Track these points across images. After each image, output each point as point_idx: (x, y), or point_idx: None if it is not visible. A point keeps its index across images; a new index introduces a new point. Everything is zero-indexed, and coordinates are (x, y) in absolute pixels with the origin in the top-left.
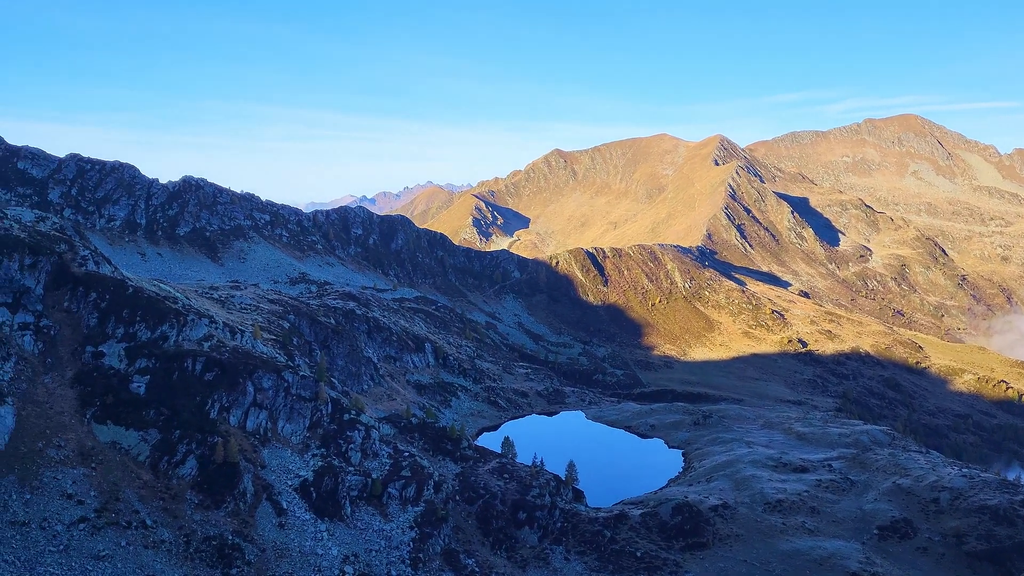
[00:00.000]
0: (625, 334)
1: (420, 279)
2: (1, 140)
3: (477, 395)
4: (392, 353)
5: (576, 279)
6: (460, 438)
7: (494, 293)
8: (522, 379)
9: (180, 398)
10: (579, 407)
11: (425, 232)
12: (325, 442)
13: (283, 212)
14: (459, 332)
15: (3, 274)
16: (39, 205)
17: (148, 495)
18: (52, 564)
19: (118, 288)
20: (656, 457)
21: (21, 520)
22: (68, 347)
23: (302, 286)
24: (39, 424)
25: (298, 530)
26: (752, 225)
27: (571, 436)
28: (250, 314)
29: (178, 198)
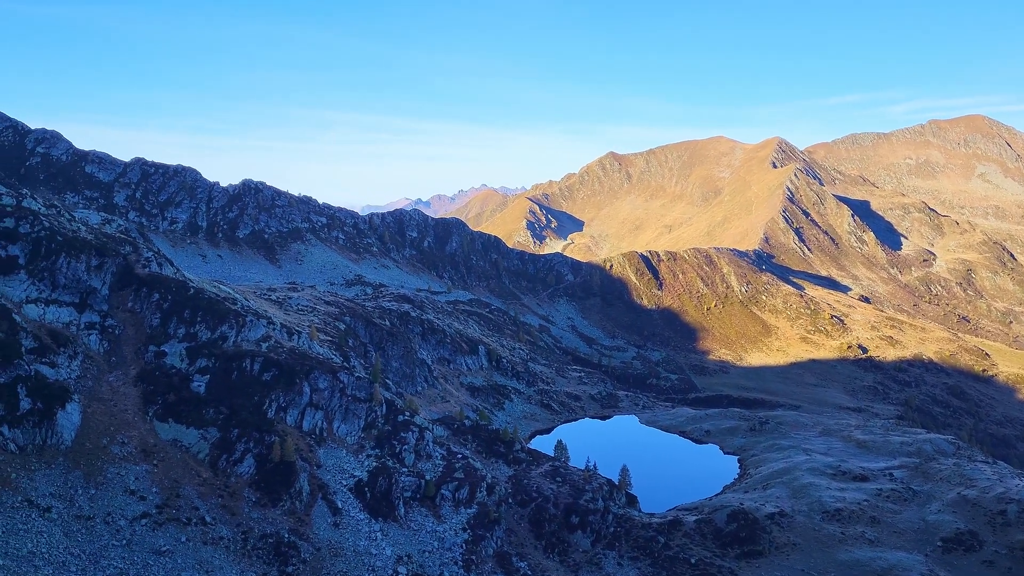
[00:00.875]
0: (680, 338)
1: (474, 282)
2: (70, 145)
3: (530, 398)
4: (446, 355)
5: (630, 282)
6: (513, 441)
7: (547, 296)
8: (575, 382)
9: (239, 397)
10: (632, 411)
11: (479, 235)
12: (379, 443)
13: (339, 215)
14: (512, 335)
15: (71, 275)
16: (105, 208)
17: (207, 492)
18: (115, 558)
19: (180, 289)
20: (711, 463)
21: (87, 514)
22: (132, 346)
23: (358, 288)
24: (104, 421)
25: (353, 530)
26: (811, 228)
27: (624, 440)
28: (307, 315)
29: (238, 201)
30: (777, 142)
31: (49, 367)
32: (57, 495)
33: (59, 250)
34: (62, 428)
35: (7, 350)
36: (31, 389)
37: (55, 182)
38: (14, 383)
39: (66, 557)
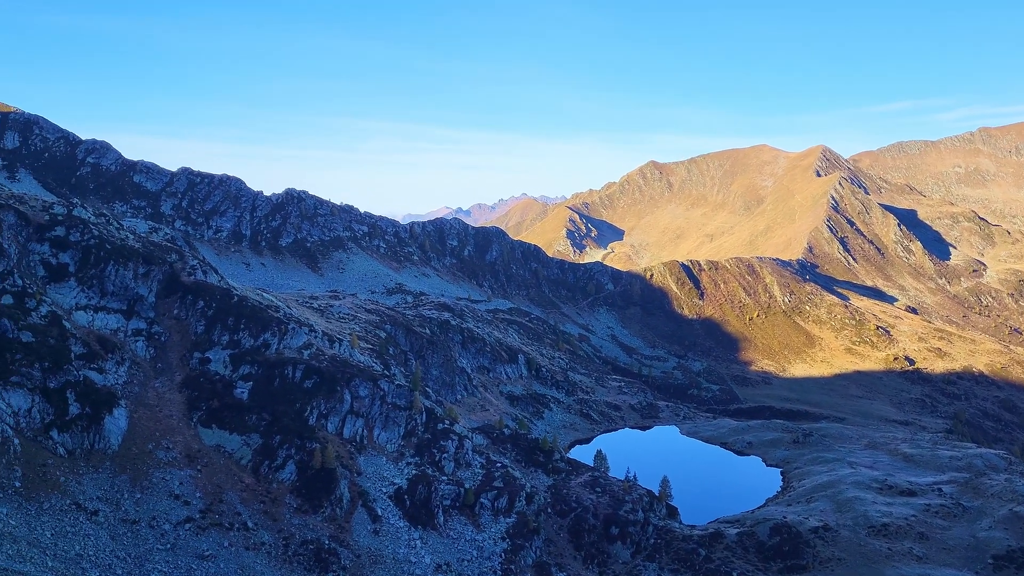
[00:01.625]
0: (721, 348)
1: (514, 290)
2: (119, 155)
3: (569, 407)
4: (486, 364)
5: (671, 292)
6: (552, 450)
7: (587, 305)
8: (615, 392)
9: (280, 404)
10: (673, 422)
11: (519, 244)
12: (419, 451)
13: (380, 223)
14: (552, 344)
15: (119, 282)
16: (152, 217)
17: (249, 498)
18: (160, 562)
19: (224, 297)
20: (753, 475)
21: (132, 518)
22: (177, 353)
23: (398, 296)
24: (149, 426)
25: (392, 537)
26: (856, 238)
27: (665, 451)
28: (348, 323)
29: (281, 210)
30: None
31: (97, 373)
32: (104, 499)
33: (108, 258)
34: (109, 433)
35: (57, 356)
36: (80, 394)
37: (104, 191)
38: (63, 388)
39: (112, 560)
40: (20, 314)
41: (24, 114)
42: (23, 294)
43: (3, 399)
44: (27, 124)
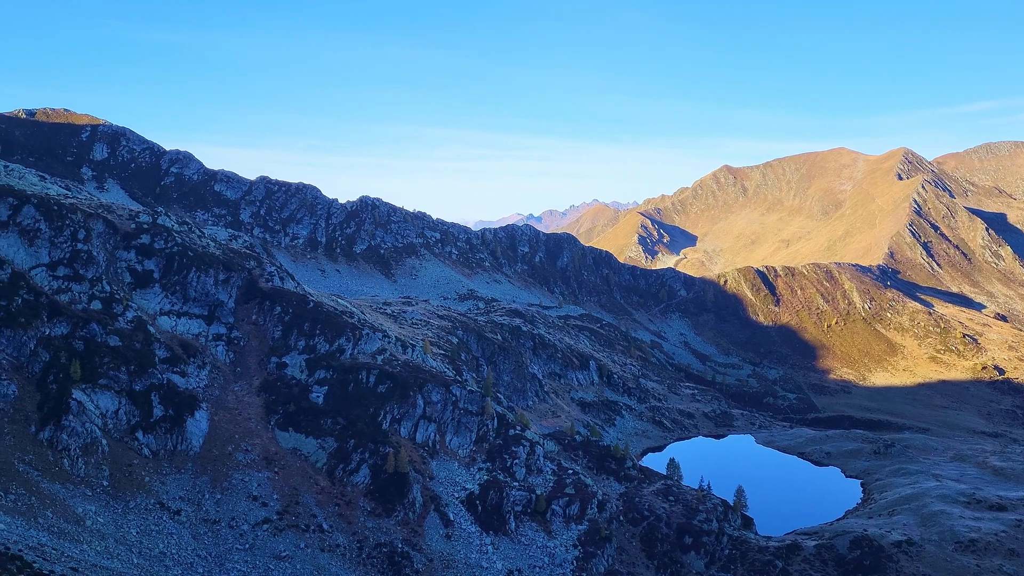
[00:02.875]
0: (798, 356)
1: (585, 297)
2: (201, 165)
3: (642, 414)
4: (557, 370)
5: (746, 298)
6: (624, 457)
7: (659, 312)
8: (688, 400)
9: (355, 408)
10: (748, 430)
11: (590, 250)
12: (491, 456)
13: (452, 230)
14: (623, 350)
15: (200, 288)
16: (232, 224)
17: (324, 500)
18: (239, 561)
19: (300, 303)
20: (831, 486)
21: (213, 518)
22: (255, 357)
23: (470, 302)
24: (229, 429)
25: (464, 542)
26: (940, 243)
27: (739, 460)
28: (420, 329)
29: (355, 217)
30: (903, 152)
31: (180, 376)
32: (186, 499)
33: (190, 265)
34: (191, 435)
35: (143, 359)
36: (164, 397)
37: (187, 200)
38: (148, 391)
39: (193, 559)
40: (108, 319)
41: (112, 126)
42: (111, 300)
43: (92, 401)
44: (115, 136)
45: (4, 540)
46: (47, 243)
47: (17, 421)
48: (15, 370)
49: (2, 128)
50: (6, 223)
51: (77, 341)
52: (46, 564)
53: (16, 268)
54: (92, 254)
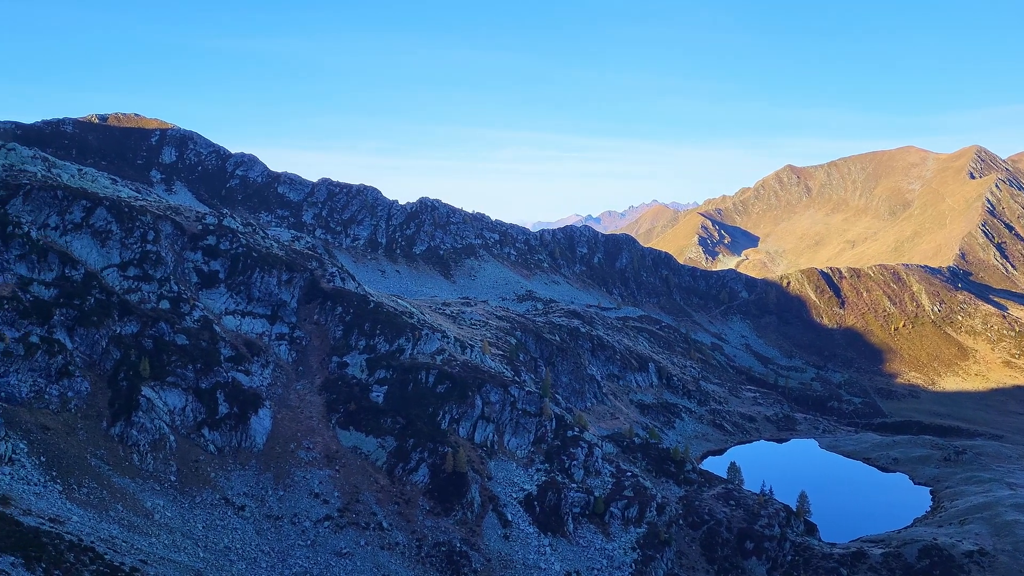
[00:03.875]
0: (863, 359)
1: (644, 298)
2: (265, 167)
3: (702, 417)
4: (615, 371)
5: (809, 300)
6: (684, 460)
7: (720, 313)
8: (749, 403)
9: (414, 408)
10: (811, 435)
11: (649, 251)
12: (549, 457)
13: (511, 231)
14: (683, 352)
15: (264, 288)
16: (295, 226)
17: (384, 499)
18: (301, 557)
19: (361, 303)
20: (899, 493)
21: (276, 514)
22: (317, 357)
23: (528, 303)
24: (291, 427)
25: (522, 543)
26: (1015, 244)
27: (802, 465)
28: (479, 330)
29: (415, 218)
30: (975, 151)
31: (244, 375)
32: (250, 495)
33: (254, 265)
34: (255, 432)
35: (209, 358)
36: (229, 395)
37: (251, 202)
38: (214, 389)
39: (257, 554)
40: (176, 318)
41: (180, 130)
42: (178, 299)
43: (160, 398)
44: (182, 140)
45: (77, 532)
46: (118, 244)
47: (90, 417)
48: (88, 367)
49: (77, 133)
50: (80, 225)
51: (146, 340)
52: (117, 556)
53: (89, 268)
54: (161, 255)
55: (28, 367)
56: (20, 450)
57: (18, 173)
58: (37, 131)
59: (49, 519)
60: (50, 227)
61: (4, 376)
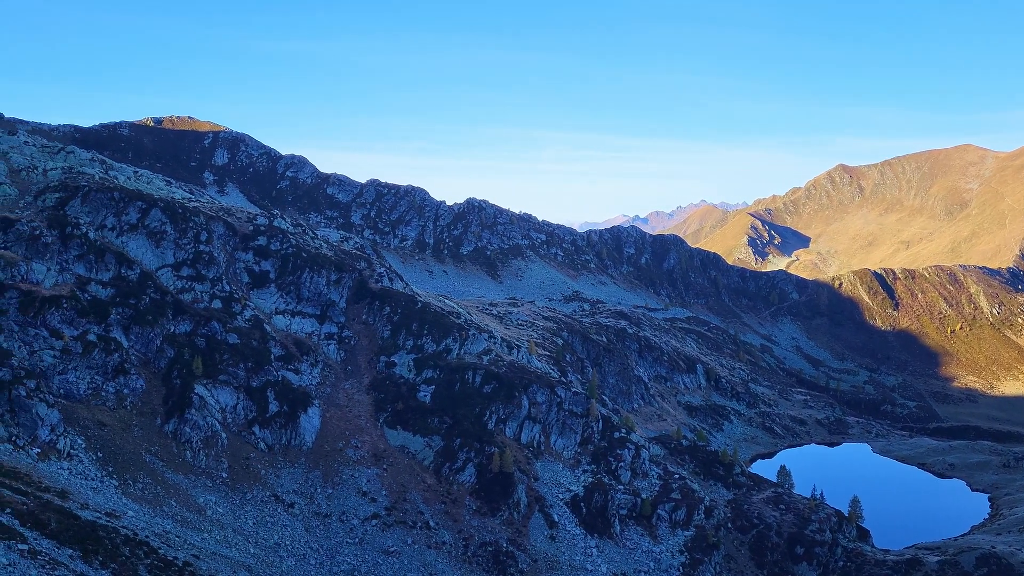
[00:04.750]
0: (918, 362)
1: (692, 299)
2: (314, 169)
3: (751, 420)
4: (662, 373)
5: (862, 302)
6: (732, 463)
7: (770, 315)
8: (800, 406)
9: (460, 408)
10: (864, 439)
11: (698, 251)
12: (595, 458)
13: (558, 232)
14: (732, 354)
15: (313, 288)
16: (343, 226)
17: (431, 498)
18: (349, 555)
19: (408, 303)
20: (955, 500)
21: (324, 512)
22: (365, 356)
23: (575, 304)
24: (340, 426)
25: (568, 544)
26: None
27: (855, 470)
28: (526, 330)
29: (462, 219)
30: None
31: (294, 374)
32: (299, 492)
33: (304, 266)
34: (304, 430)
35: (259, 357)
36: (279, 393)
37: (301, 203)
38: (264, 387)
39: (306, 551)
40: (227, 317)
41: (232, 133)
42: (230, 299)
43: (212, 396)
44: (234, 142)
45: (133, 526)
46: (172, 244)
47: (145, 414)
48: (143, 365)
49: (133, 136)
50: (135, 225)
51: (199, 338)
52: (170, 551)
53: (144, 268)
54: (213, 255)
55: (86, 365)
56: (78, 446)
57: (77, 175)
58: (95, 134)
59: (105, 513)
60: (107, 228)
61: (63, 373)
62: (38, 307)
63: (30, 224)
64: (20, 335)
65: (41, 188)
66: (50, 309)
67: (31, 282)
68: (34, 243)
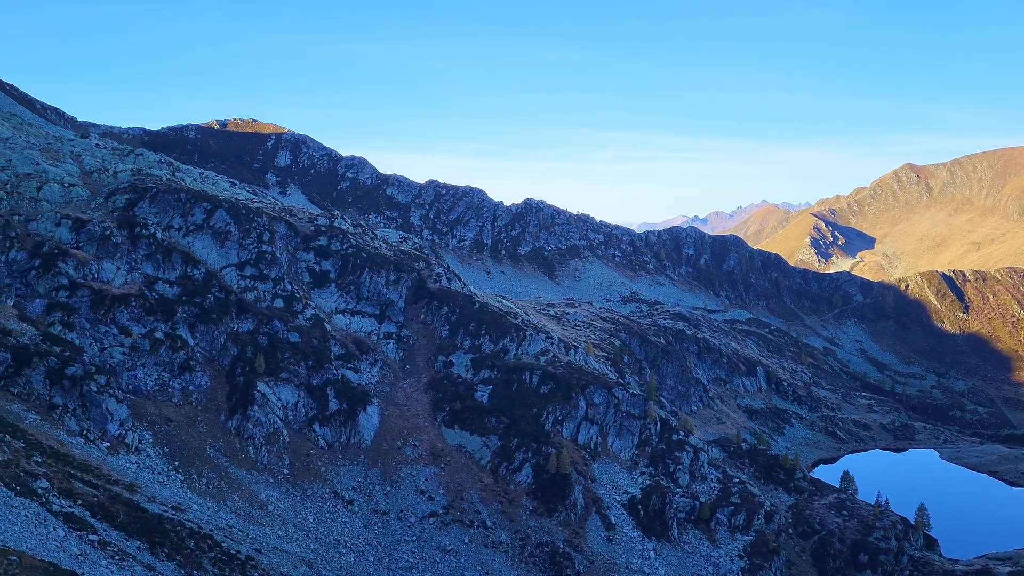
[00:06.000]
0: (989, 367)
1: (752, 301)
2: (374, 170)
3: (813, 424)
4: (722, 375)
5: (929, 304)
6: (794, 468)
7: (833, 317)
8: (864, 410)
9: (518, 408)
10: (931, 445)
11: (758, 252)
12: (653, 461)
13: (616, 232)
14: (793, 357)
15: (372, 288)
16: (402, 227)
17: (488, 497)
18: (407, 552)
19: (466, 303)
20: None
21: (383, 509)
22: (423, 356)
23: (633, 305)
24: (398, 424)
25: (626, 546)
26: None
27: (921, 477)
28: (583, 331)
29: (520, 219)
30: None
31: (353, 372)
32: (358, 489)
33: (363, 266)
34: (363, 428)
35: (320, 355)
36: (339, 391)
37: (361, 203)
38: (324, 385)
39: (365, 547)
40: (289, 316)
41: (294, 134)
42: (291, 298)
43: (274, 393)
44: (296, 144)
45: (197, 520)
46: (236, 245)
47: (209, 410)
48: (207, 362)
49: (199, 138)
50: (201, 226)
51: (261, 337)
52: (233, 544)
53: (209, 268)
54: (275, 255)
55: (153, 361)
56: (146, 440)
57: (145, 177)
58: (163, 137)
59: (171, 507)
60: (174, 228)
61: (131, 370)
62: (108, 305)
63: (101, 224)
64: (91, 332)
65: (111, 190)
66: (119, 307)
67: (102, 281)
68: (105, 243)
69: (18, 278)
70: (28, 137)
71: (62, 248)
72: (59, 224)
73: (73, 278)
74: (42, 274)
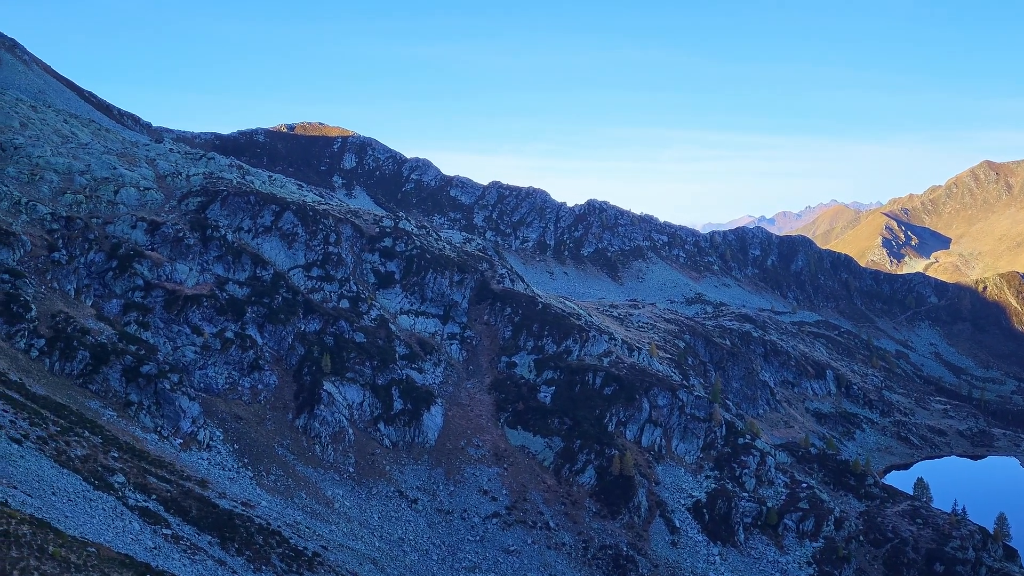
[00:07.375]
0: None
1: (821, 302)
2: (438, 171)
3: (884, 429)
4: (789, 378)
5: (1010, 307)
6: (865, 474)
7: (906, 320)
8: (939, 415)
9: (580, 409)
10: (1012, 453)
11: (827, 253)
12: (719, 464)
13: (680, 233)
14: (864, 360)
15: (436, 289)
16: (466, 228)
17: (551, 499)
18: (470, 552)
19: (529, 304)
20: None
21: (446, 509)
22: (486, 356)
23: (697, 306)
24: (462, 424)
25: (690, 550)
26: None
27: (1001, 485)
28: (647, 332)
29: (583, 220)
30: None
31: (417, 372)
32: (422, 489)
33: (427, 267)
34: (427, 428)
35: (385, 355)
36: (403, 391)
37: (425, 205)
38: (389, 385)
39: (429, 546)
40: (354, 317)
41: (360, 137)
42: (357, 299)
43: (340, 392)
44: (362, 146)
45: (266, 516)
46: (303, 246)
47: (277, 408)
48: (275, 362)
49: (267, 142)
50: (269, 228)
51: (328, 337)
52: (300, 541)
53: (277, 269)
54: (341, 256)
55: (223, 360)
56: (216, 438)
57: (216, 180)
58: (233, 141)
59: (241, 503)
60: (243, 230)
61: (203, 368)
62: (181, 305)
63: (174, 227)
64: (165, 331)
65: (184, 193)
66: (192, 307)
67: (175, 281)
68: (178, 245)
69: (96, 279)
70: (106, 142)
71: (138, 250)
72: (135, 226)
73: (148, 279)
74: (119, 275)
